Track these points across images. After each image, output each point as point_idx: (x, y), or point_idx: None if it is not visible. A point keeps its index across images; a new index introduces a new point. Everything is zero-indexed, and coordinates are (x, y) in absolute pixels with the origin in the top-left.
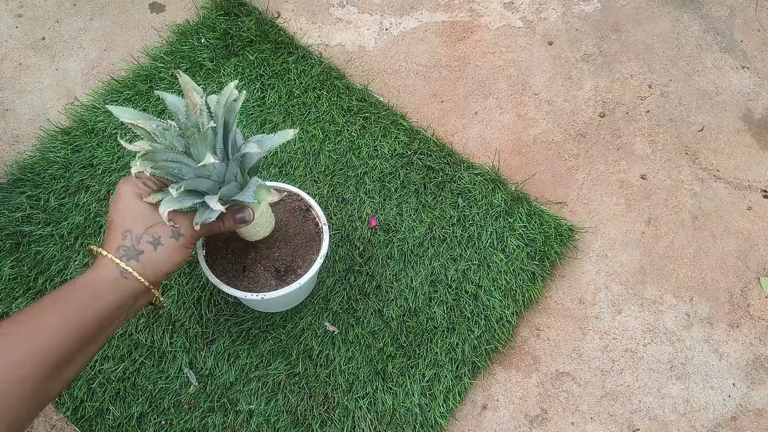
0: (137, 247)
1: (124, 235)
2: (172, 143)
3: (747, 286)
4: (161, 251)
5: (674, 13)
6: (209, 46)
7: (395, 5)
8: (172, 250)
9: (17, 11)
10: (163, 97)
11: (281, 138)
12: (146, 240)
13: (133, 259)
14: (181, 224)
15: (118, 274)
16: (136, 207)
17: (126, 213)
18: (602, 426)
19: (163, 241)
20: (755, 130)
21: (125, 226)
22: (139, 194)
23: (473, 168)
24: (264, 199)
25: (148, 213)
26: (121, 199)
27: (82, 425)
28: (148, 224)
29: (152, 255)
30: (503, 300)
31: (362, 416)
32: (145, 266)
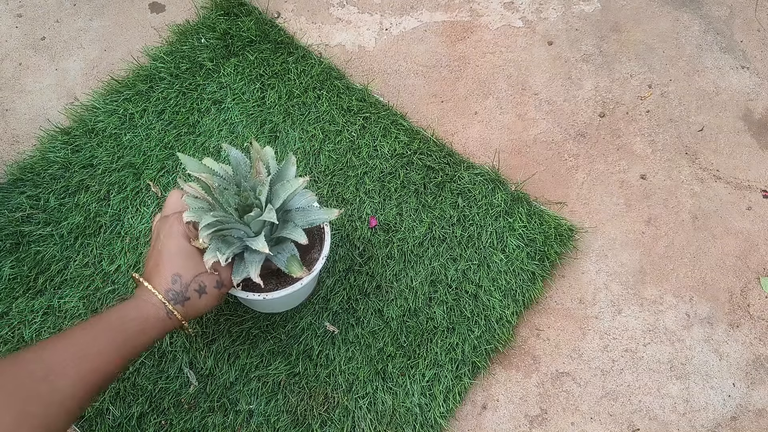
0: (185, 293)
1: (174, 279)
2: (227, 200)
3: (747, 286)
4: (204, 299)
5: (674, 13)
6: (209, 46)
7: (395, 5)
8: (213, 298)
9: (17, 11)
10: (227, 149)
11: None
12: (193, 288)
13: (179, 304)
14: (222, 274)
15: (165, 315)
16: (186, 250)
17: (177, 255)
18: (602, 426)
19: (207, 290)
20: (755, 130)
21: (176, 269)
22: (187, 235)
23: (473, 168)
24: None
25: (196, 258)
26: (173, 239)
27: (82, 425)
28: (197, 271)
29: (196, 302)
30: (503, 300)
31: (362, 416)
32: (188, 310)
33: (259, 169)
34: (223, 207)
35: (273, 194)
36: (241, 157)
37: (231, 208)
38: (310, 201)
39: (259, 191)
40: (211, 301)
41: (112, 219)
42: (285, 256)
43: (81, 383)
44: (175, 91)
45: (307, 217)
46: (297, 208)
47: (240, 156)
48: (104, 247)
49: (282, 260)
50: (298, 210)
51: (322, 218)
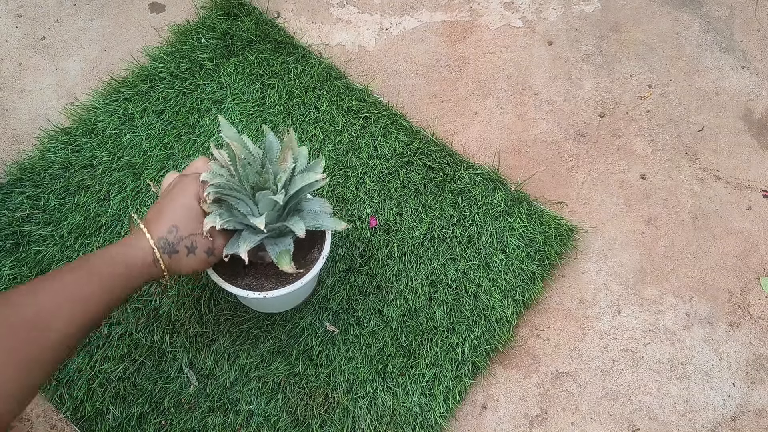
0: (176, 246)
1: (170, 229)
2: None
3: (747, 286)
4: (191, 259)
5: (674, 13)
6: (209, 46)
7: (395, 5)
8: (199, 262)
9: (17, 11)
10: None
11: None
12: (185, 244)
13: (167, 254)
14: (216, 241)
15: (151, 261)
16: (192, 207)
17: (182, 209)
18: (602, 426)
19: (197, 252)
20: (755, 130)
21: (176, 221)
22: (198, 195)
23: (473, 168)
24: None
25: (198, 218)
26: (184, 195)
27: (82, 425)
28: (193, 230)
29: (183, 258)
30: (503, 300)
31: (362, 416)
32: (173, 264)
33: (287, 157)
34: (240, 180)
35: (291, 184)
36: (275, 142)
37: (247, 183)
38: (325, 208)
39: (279, 177)
40: (197, 263)
41: (112, 219)
42: (279, 249)
43: (73, 326)
44: (175, 91)
45: (315, 220)
46: (309, 210)
47: (275, 141)
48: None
49: (275, 251)
50: (310, 212)
51: (328, 226)
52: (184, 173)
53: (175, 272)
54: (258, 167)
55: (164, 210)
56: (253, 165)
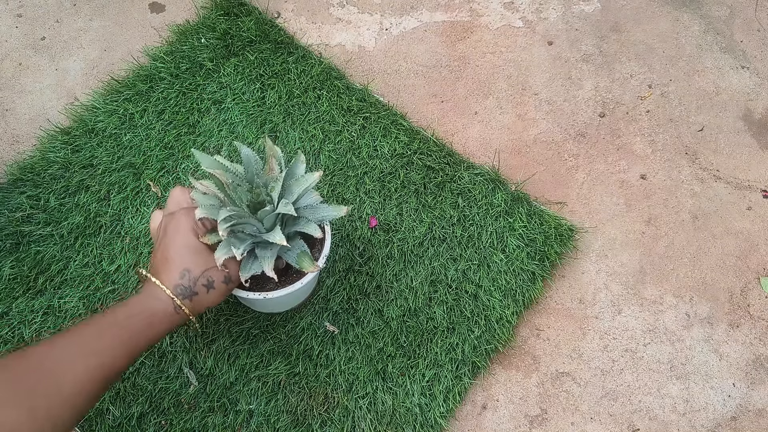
0: (193, 288)
1: (182, 274)
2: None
3: (747, 286)
4: (212, 294)
5: (674, 13)
6: (209, 46)
7: (395, 5)
8: (221, 293)
9: (17, 11)
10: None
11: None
12: (202, 283)
13: (187, 299)
14: (231, 269)
15: (172, 310)
16: (194, 246)
17: (185, 251)
18: (602, 426)
19: (215, 285)
20: (755, 130)
21: (184, 264)
22: (195, 231)
23: (473, 168)
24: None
25: (204, 253)
26: (181, 235)
27: (82, 425)
28: (205, 266)
29: (204, 297)
30: (503, 300)
31: (362, 416)
32: (195, 306)
33: (273, 166)
34: (235, 203)
35: (286, 190)
36: (252, 155)
37: (243, 204)
38: (316, 199)
39: (271, 188)
40: (219, 296)
41: (112, 219)
42: (296, 252)
43: (88, 379)
44: (175, 91)
45: (316, 214)
46: (306, 206)
47: (251, 153)
48: (104, 247)
49: (293, 256)
50: (306, 208)
51: (331, 215)
52: (169, 211)
53: (200, 311)
54: (246, 185)
55: (169, 256)
56: (242, 185)
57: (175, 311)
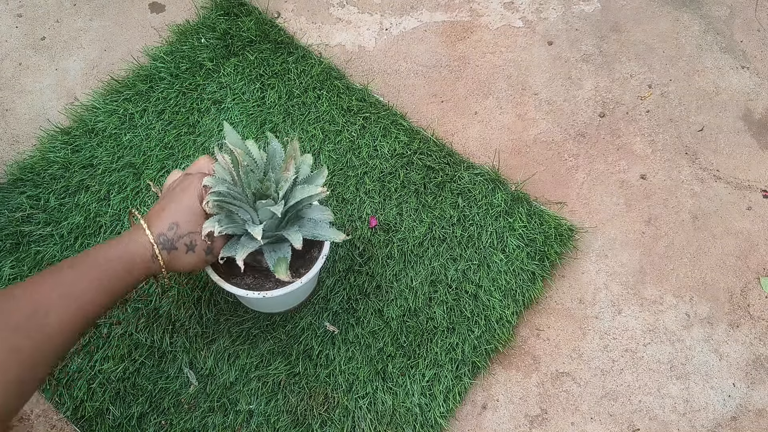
0: (175, 243)
1: (171, 226)
2: (249, 182)
3: (747, 286)
4: (190, 256)
5: (674, 13)
6: (209, 46)
7: (395, 5)
8: (197, 260)
9: (17, 11)
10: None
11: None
12: (184, 242)
13: (165, 250)
14: (214, 243)
15: (149, 257)
16: (194, 207)
17: (184, 208)
18: (602, 426)
19: (196, 250)
20: (755, 130)
21: (177, 218)
22: (201, 195)
23: (473, 168)
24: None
25: (199, 218)
26: (187, 194)
27: (82, 425)
28: (193, 229)
29: (182, 256)
30: (503, 300)
31: (362, 416)
32: (172, 260)
33: (289, 167)
34: (242, 186)
35: (291, 194)
36: (279, 150)
37: (249, 190)
38: (325, 218)
39: (280, 186)
40: (195, 261)
41: (112, 219)
42: (276, 256)
43: (68, 320)
44: (175, 91)
45: (314, 230)
46: (309, 219)
47: (279, 148)
48: None
49: (272, 259)
50: (310, 220)
51: (327, 236)
52: (188, 172)
53: (174, 269)
54: (260, 174)
55: (166, 207)
56: (255, 172)
57: (151, 258)
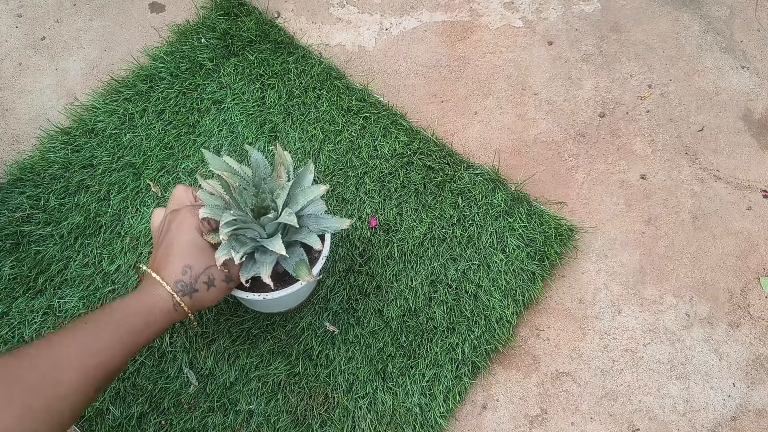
0: (194, 285)
1: (184, 270)
2: (245, 200)
3: (747, 286)
4: (212, 291)
5: (674, 13)
6: (209, 46)
7: (395, 5)
8: (221, 291)
9: (17, 11)
10: (250, 150)
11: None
12: (203, 280)
13: (187, 295)
14: (231, 269)
15: (171, 306)
16: (198, 242)
17: (189, 247)
18: (602, 426)
19: (216, 284)
20: (755, 130)
21: (187, 260)
22: (199, 229)
23: (473, 168)
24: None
25: (207, 251)
26: (184, 231)
27: (82, 425)
28: (207, 264)
29: (204, 295)
30: (503, 300)
31: (362, 416)
32: (195, 302)
33: (281, 173)
34: (239, 206)
35: (291, 199)
36: (261, 160)
37: (247, 208)
38: (320, 209)
39: (276, 194)
40: (219, 294)
41: (112, 219)
42: (294, 260)
43: (85, 378)
44: (175, 91)
45: (318, 224)
46: (309, 215)
47: (261, 158)
48: (104, 247)
49: (291, 264)
50: (310, 216)
51: (333, 226)
52: (172, 208)
53: (200, 309)
54: (253, 189)
55: (171, 252)
56: (248, 189)
57: (173, 308)
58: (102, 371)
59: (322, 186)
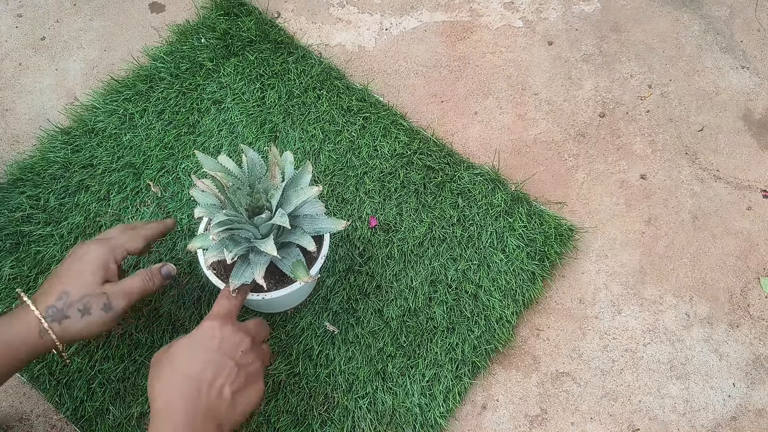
0: (65, 312)
1: (60, 296)
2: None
3: (747, 286)
4: (86, 320)
5: (674, 13)
6: (209, 46)
7: (395, 5)
8: (96, 321)
9: (17, 11)
10: (245, 150)
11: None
12: (77, 307)
13: (56, 321)
14: (111, 297)
15: (36, 334)
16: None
17: (74, 273)
18: (602, 426)
19: (92, 312)
20: (755, 130)
21: (65, 286)
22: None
23: (473, 168)
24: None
25: (93, 282)
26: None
27: (82, 425)
28: (87, 292)
29: (76, 322)
30: (503, 300)
31: (362, 416)
32: (65, 331)
33: (275, 173)
34: (234, 206)
35: (285, 199)
36: (257, 159)
37: (241, 207)
38: (318, 210)
39: (271, 194)
40: (95, 323)
41: (112, 219)
42: (290, 261)
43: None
44: (175, 91)
45: (314, 225)
46: (305, 215)
47: (256, 158)
48: None
49: (287, 265)
50: (305, 217)
51: (328, 228)
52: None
53: (71, 338)
54: (247, 189)
55: (54, 278)
56: (242, 189)
57: (39, 335)
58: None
59: (315, 187)
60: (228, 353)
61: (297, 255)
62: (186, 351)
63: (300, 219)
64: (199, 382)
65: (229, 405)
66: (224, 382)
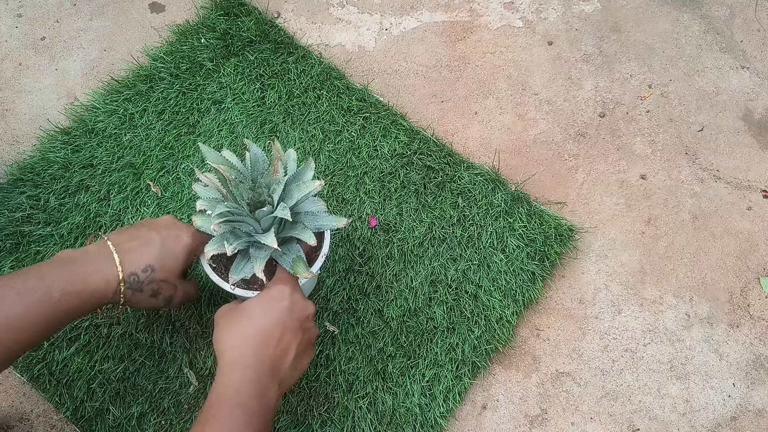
0: (143, 287)
1: (146, 268)
2: (241, 194)
3: (747, 286)
4: (150, 301)
5: (674, 13)
6: (209, 46)
7: (395, 5)
8: (155, 305)
9: (17, 11)
10: (249, 145)
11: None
12: (152, 287)
13: (131, 289)
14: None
15: (112, 294)
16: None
17: (166, 253)
18: (602, 426)
19: (158, 297)
20: (755, 130)
21: (154, 261)
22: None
23: (473, 168)
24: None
25: (176, 270)
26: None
27: (82, 425)
28: (165, 278)
29: (144, 299)
30: (503, 300)
31: (362, 416)
32: (132, 299)
33: (278, 168)
34: (236, 199)
35: (287, 194)
36: (260, 154)
37: (243, 201)
38: (320, 208)
39: (273, 189)
40: (151, 306)
41: (112, 219)
42: (291, 257)
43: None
44: (175, 91)
45: (315, 222)
46: (306, 212)
47: (260, 153)
48: None
49: (287, 261)
50: (307, 214)
51: (329, 225)
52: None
53: (131, 306)
54: (249, 183)
55: (149, 244)
56: (244, 182)
57: (113, 295)
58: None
59: (317, 181)
60: (297, 316)
61: (297, 251)
62: (259, 307)
63: (301, 216)
64: (271, 338)
65: (290, 365)
66: (290, 343)
